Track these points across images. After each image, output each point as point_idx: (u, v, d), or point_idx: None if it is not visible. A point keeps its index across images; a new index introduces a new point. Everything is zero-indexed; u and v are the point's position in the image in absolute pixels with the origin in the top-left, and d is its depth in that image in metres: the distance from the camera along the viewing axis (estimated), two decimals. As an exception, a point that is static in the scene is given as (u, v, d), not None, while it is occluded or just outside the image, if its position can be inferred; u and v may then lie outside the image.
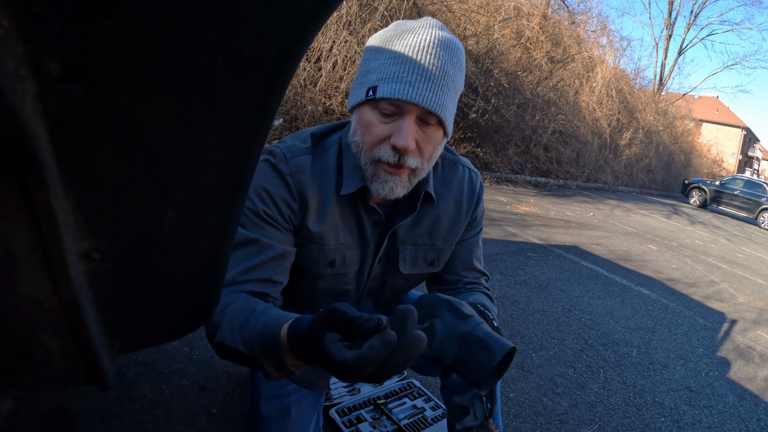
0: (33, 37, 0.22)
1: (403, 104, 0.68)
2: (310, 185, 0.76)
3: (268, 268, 0.73)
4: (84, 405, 1.08)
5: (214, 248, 0.36)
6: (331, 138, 0.81)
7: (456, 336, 0.59)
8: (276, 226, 0.75)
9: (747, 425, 1.88)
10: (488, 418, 0.61)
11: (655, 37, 26.51)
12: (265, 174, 0.75)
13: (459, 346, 0.58)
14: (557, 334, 2.24)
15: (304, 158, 0.77)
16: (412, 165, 0.71)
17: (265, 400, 0.95)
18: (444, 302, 0.63)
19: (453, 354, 0.59)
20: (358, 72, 0.76)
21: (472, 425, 0.61)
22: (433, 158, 0.75)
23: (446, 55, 0.70)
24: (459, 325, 0.60)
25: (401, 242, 0.86)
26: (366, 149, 0.72)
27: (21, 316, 0.30)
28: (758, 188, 12.21)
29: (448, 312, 0.61)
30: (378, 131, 0.70)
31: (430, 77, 0.68)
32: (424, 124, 0.71)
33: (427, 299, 0.64)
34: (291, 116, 4.97)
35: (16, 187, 0.25)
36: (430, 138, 0.72)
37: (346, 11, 5.39)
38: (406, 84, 0.67)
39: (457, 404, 0.62)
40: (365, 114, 0.71)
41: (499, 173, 7.40)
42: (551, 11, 10.17)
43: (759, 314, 3.58)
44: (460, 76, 0.74)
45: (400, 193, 0.75)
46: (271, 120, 0.31)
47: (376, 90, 0.69)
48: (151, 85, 0.26)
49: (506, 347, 0.57)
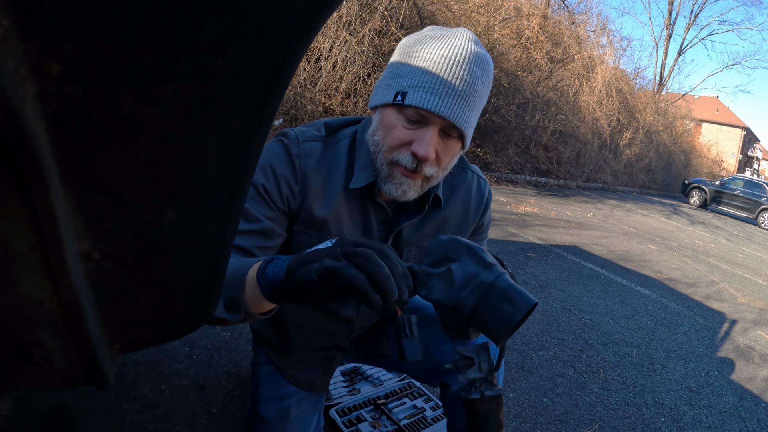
0: (33, 37, 0.22)
1: (430, 115, 0.69)
2: (315, 172, 0.77)
3: (249, 238, 0.73)
4: (84, 405, 1.08)
5: (214, 248, 0.36)
6: (344, 131, 0.82)
7: (476, 284, 0.55)
8: (270, 204, 0.75)
9: (747, 425, 1.88)
10: (493, 372, 0.57)
11: (655, 37, 26.55)
12: (275, 153, 0.77)
13: (481, 295, 0.55)
14: (557, 334, 2.23)
15: (315, 144, 0.78)
16: (429, 173, 0.73)
17: (264, 401, 0.95)
18: (464, 246, 0.58)
19: (473, 303, 0.55)
20: (387, 72, 0.76)
21: (476, 378, 0.57)
22: (447, 168, 0.77)
23: (478, 71, 0.70)
24: (480, 272, 0.56)
25: (405, 244, 0.86)
26: (385, 150, 0.73)
27: (21, 316, 0.30)
28: (758, 188, 12.21)
29: (468, 257, 0.57)
30: (400, 135, 0.71)
31: (460, 92, 0.69)
32: (446, 136, 0.72)
33: (445, 242, 0.59)
34: (291, 116, 4.97)
35: (16, 187, 0.25)
36: (450, 150, 0.73)
37: (346, 11, 5.39)
38: (436, 96, 0.68)
39: (461, 355, 0.57)
40: (389, 116, 0.72)
41: (499, 173, 7.40)
42: (551, 11, 10.17)
43: (759, 314, 3.58)
44: (487, 92, 0.75)
45: (411, 197, 0.75)
46: (271, 120, 0.31)
47: (405, 96, 0.69)
48: (151, 85, 0.26)
49: (530, 302, 0.54)
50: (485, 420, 0.56)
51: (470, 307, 0.55)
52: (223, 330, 1.54)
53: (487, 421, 0.56)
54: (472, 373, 0.57)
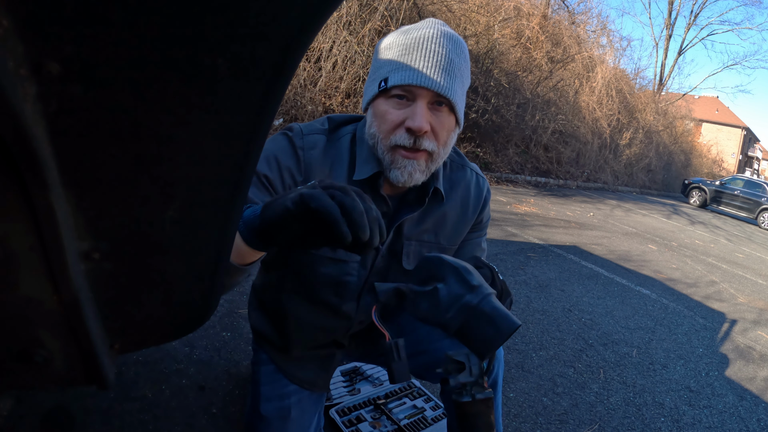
0: (33, 37, 0.22)
1: (415, 89, 0.72)
2: (319, 164, 0.79)
3: None
4: (84, 405, 1.08)
5: (214, 248, 0.36)
6: (346, 128, 0.85)
7: (461, 306, 0.57)
8: (270, 192, 0.77)
9: (747, 425, 1.88)
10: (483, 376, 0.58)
11: (655, 37, 26.55)
12: (279, 144, 0.79)
13: (465, 317, 0.56)
14: (557, 334, 2.23)
15: (319, 137, 0.81)
16: (429, 148, 0.74)
17: (265, 401, 0.95)
18: (449, 266, 0.59)
19: (458, 325, 0.57)
20: (369, 74, 0.80)
21: (466, 381, 0.57)
22: (448, 144, 0.78)
23: (450, 44, 0.74)
24: (465, 294, 0.57)
25: (406, 238, 0.87)
26: (382, 137, 0.75)
27: (21, 316, 0.30)
28: (758, 188, 12.21)
29: (453, 278, 0.59)
30: (392, 117, 0.74)
31: (437, 64, 0.72)
32: (436, 109, 0.74)
33: (432, 261, 0.61)
34: (291, 116, 4.97)
35: (16, 187, 0.25)
36: (443, 122, 0.75)
37: (346, 11, 5.39)
38: (414, 71, 0.71)
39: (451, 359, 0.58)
40: (379, 106, 0.75)
41: (499, 173, 7.40)
42: (551, 11, 10.17)
43: (759, 314, 3.58)
44: (466, 68, 0.77)
45: (419, 179, 0.77)
46: (271, 120, 0.31)
47: (388, 80, 0.73)
48: (151, 85, 0.26)
49: (513, 326, 0.55)
50: (475, 422, 0.57)
51: (454, 328, 0.57)
52: (223, 330, 1.54)
53: (476, 424, 0.57)
54: (463, 377, 0.58)
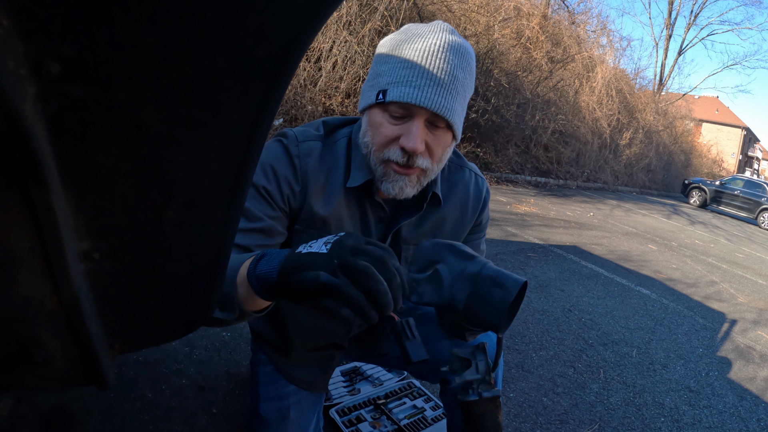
0: (33, 37, 0.22)
1: (413, 107, 0.69)
2: (316, 171, 0.78)
3: (250, 236, 0.74)
4: (84, 405, 1.08)
5: (214, 248, 0.36)
6: (341, 131, 0.83)
7: (465, 278, 0.56)
8: (271, 203, 0.76)
9: (747, 425, 1.88)
10: (490, 372, 0.57)
11: (655, 37, 26.55)
12: (275, 153, 0.77)
13: (470, 287, 0.55)
14: (557, 334, 2.23)
15: (315, 144, 0.79)
16: (422, 165, 0.73)
17: (264, 401, 0.95)
18: (445, 246, 0.59)
19: (465, 296, 0.56)
20: (369, 74, 0.77)
21: (473, 379, 0.56)
22: (442, 160, 0.76)
23: (456, 59, 0.71)
24: (466, 266, 0.57)
25: (404, 242, 0.86)
26: (375, 150, 0.73)
27: (21, 316, 0.30)
28: (758, 188, 12.20)
29: (451, 255, 0.58)
30: (387, 132, 0.72)
31: (439, 81, 0.69)
32: (433, 126, 0.72)
33: (426, 247, 0.61)
34: (291, 116, 4.97)
35: (16, 187, 0.25)
36: (440, 140, 0.73)
37: (346, 11, 5.39)
38: (416, 88, 0.68)
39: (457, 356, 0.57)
40: (375, 116, 0.73)
41: (499, 173, 7.40)
42: (551, 11, 10.17)
43: (759, 314, 3.58)
44: (470, 80, 0.75)
45: (409, 194, 0.75)
46: (271, 120, 0.31)
47: (386, 93, 0.70)
48: (150, 85, 0.26)
49: (519, 282, 0.54)
50: (483, 422, 0.55)
51: (463, 301, 0.56)
52: (223, 330, 1.54)
53: (484, 424, 0.55)
54: (469, 374, 0.56)
